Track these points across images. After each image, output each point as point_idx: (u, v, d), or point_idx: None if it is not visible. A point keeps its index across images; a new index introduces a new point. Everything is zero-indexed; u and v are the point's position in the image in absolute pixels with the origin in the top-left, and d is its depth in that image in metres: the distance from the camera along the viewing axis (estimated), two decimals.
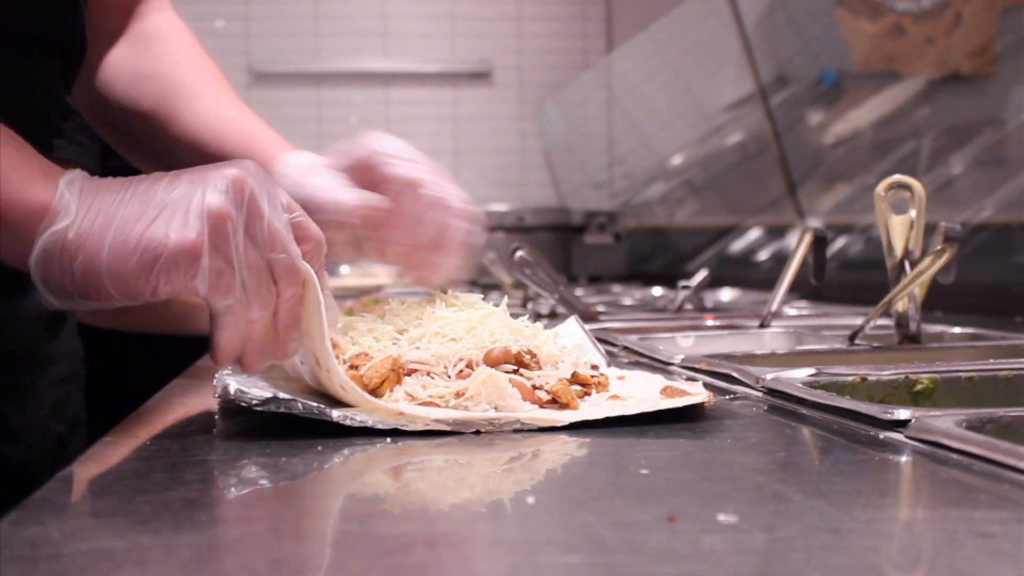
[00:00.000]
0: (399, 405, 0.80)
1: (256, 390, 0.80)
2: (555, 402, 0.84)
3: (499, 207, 3.79)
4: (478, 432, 0.78)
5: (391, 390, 0.83)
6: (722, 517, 0.54)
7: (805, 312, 1.91)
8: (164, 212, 0.73)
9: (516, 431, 0.79)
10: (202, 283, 0.73)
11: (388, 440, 0.76)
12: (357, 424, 0.77)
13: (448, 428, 0.78)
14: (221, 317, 0.75)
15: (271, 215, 0.76)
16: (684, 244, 3.82)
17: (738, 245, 3.34)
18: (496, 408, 0.81)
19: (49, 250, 0.73)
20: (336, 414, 0.78)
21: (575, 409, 0.83)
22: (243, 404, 0.79)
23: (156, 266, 0.72)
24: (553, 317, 1.88)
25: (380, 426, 0.78)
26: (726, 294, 2.55)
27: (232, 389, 0.80)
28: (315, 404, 0.79)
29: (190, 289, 0.74)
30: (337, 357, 0.82)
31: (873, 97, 2.67)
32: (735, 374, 1.02)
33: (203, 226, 0.73)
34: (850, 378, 0.98)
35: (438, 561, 0.50)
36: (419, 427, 0.78)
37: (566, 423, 0.80)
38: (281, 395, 0.79)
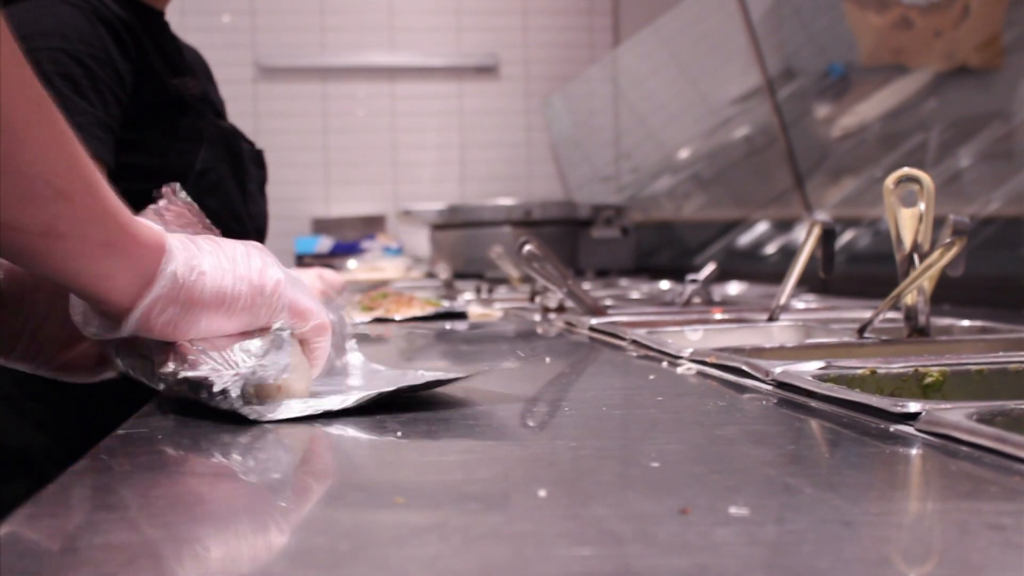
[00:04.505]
0: None
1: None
2: None
3: (506, 201, 3.78)
4: None
5: None
6: (734, 510, 0.54)
7: (814, 305, 1.90)
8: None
9: None
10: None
11: (399, 434, 0.77)
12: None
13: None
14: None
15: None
16: (691, 238, 3.82)
17: (746, 239, 3.34)
18: None
19: (165, 285, 0.82)
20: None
21: None
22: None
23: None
24: (561, 311, 1.89)
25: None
26: (734, 288, 2.54)
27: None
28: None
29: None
30: None
31: (880, 90, 2.66)
32: (745, 367, 1.02)
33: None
34: (859, 371, 0.98)
35: (450, 552, 0.50)
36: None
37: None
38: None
